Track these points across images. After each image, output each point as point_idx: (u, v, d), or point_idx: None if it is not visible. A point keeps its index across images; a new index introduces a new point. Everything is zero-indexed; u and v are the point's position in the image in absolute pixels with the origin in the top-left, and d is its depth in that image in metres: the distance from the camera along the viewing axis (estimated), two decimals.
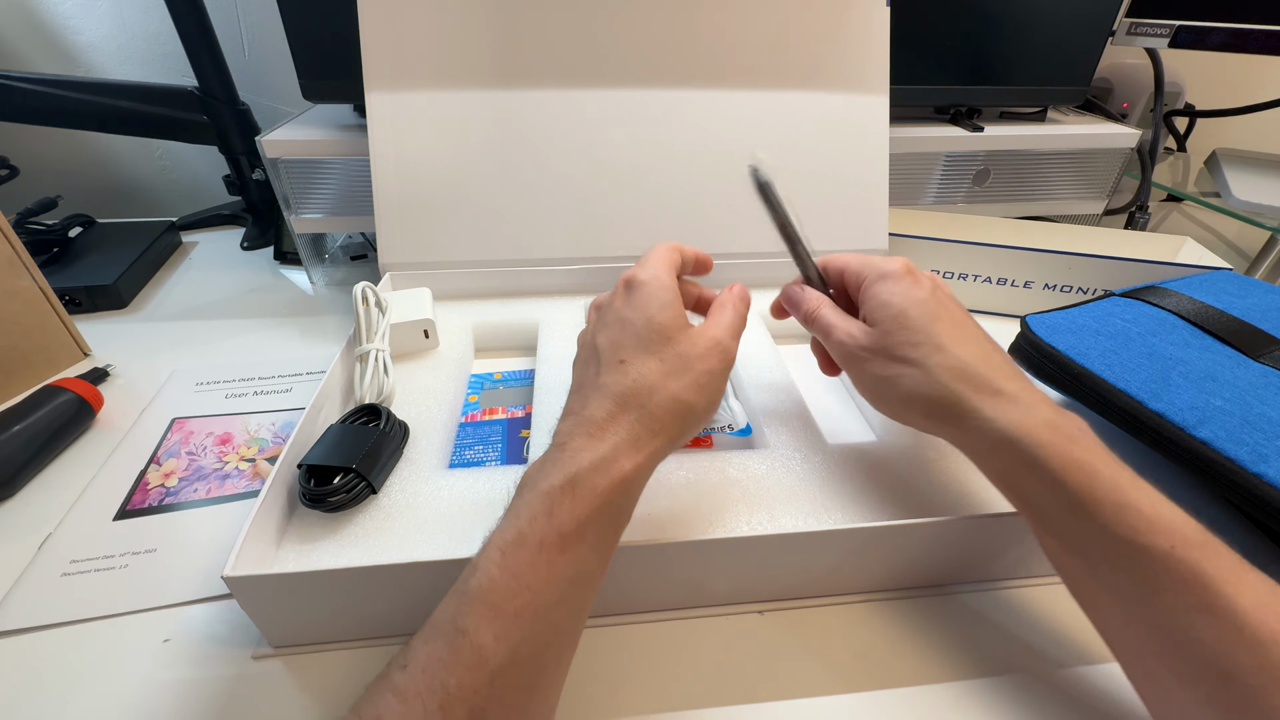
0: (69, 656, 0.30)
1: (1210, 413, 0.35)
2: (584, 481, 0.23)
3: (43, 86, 0.65)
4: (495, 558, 0.22)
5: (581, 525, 0.23)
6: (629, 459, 0.25)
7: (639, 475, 0.25)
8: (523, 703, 0.21)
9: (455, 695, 0.19)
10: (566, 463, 0.24)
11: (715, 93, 0.55)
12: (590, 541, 0.23)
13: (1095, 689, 0.29)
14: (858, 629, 0.32)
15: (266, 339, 0.56)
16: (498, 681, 0.20)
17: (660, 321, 0.28)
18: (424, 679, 0.20)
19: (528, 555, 0.22)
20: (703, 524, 0.32)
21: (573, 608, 0.23)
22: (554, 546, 0.22)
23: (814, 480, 0.35)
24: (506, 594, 0.21)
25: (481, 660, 0.20)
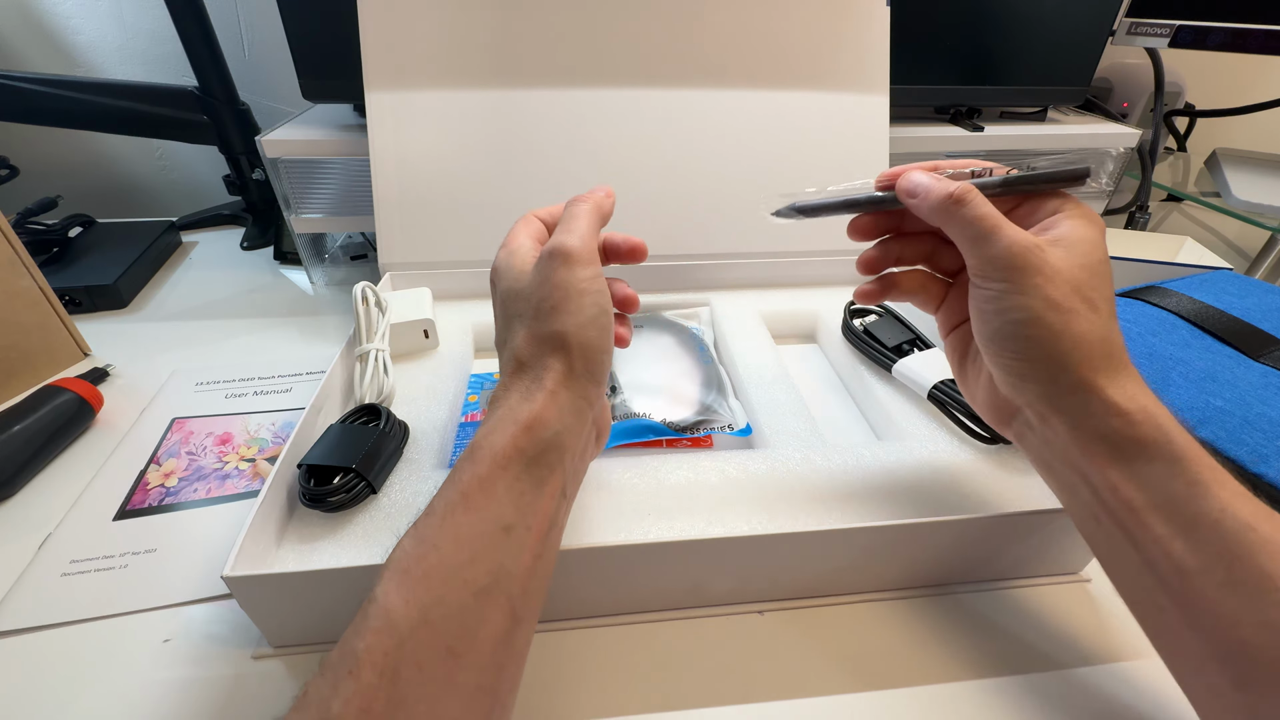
0: (69, 656, 0.30)
1: (1210, 413, 0.35)
2: (481, 444, 0.24)
3: (43, 86, 0.65)
4: (410, 530, 0.22)
5: (484, 480, 0.23)
6: (521, 410, 0.25)
7: (539, 421, 0.25)
8: (443, 668, 0.20)
9: (364, 659, 0.19)
10: (487, 422, 0.25)
11: (716, 92, 0.55)
12: (499, 495, 0.23)
13: (1097, 689, 0.29)
14: (858, 629, 0.32)
15: (266, 339, 0.56)
16: (410, 643, 0.20)
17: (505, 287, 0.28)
18: (337, 652, 0.20)
19: (434, 521, 0.22)
20: (703, 524, 0.32)
21: (488, 565, 0.22)
22: (458, 506, 0.22)
23: (814, 480, 0.35)
24: (414, 558, 0.21)
25: (390, 623, 0.20)
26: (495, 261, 0.29)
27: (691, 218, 0.56)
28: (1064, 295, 0.25)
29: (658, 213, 0.55)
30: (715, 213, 0.56)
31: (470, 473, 0.23)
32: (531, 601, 0.24)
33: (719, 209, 0.56)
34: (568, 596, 0.31)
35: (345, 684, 0.19)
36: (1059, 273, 0.25)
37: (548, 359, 0.26)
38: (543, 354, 0.26)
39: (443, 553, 0.21)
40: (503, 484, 0.23)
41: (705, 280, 0.56)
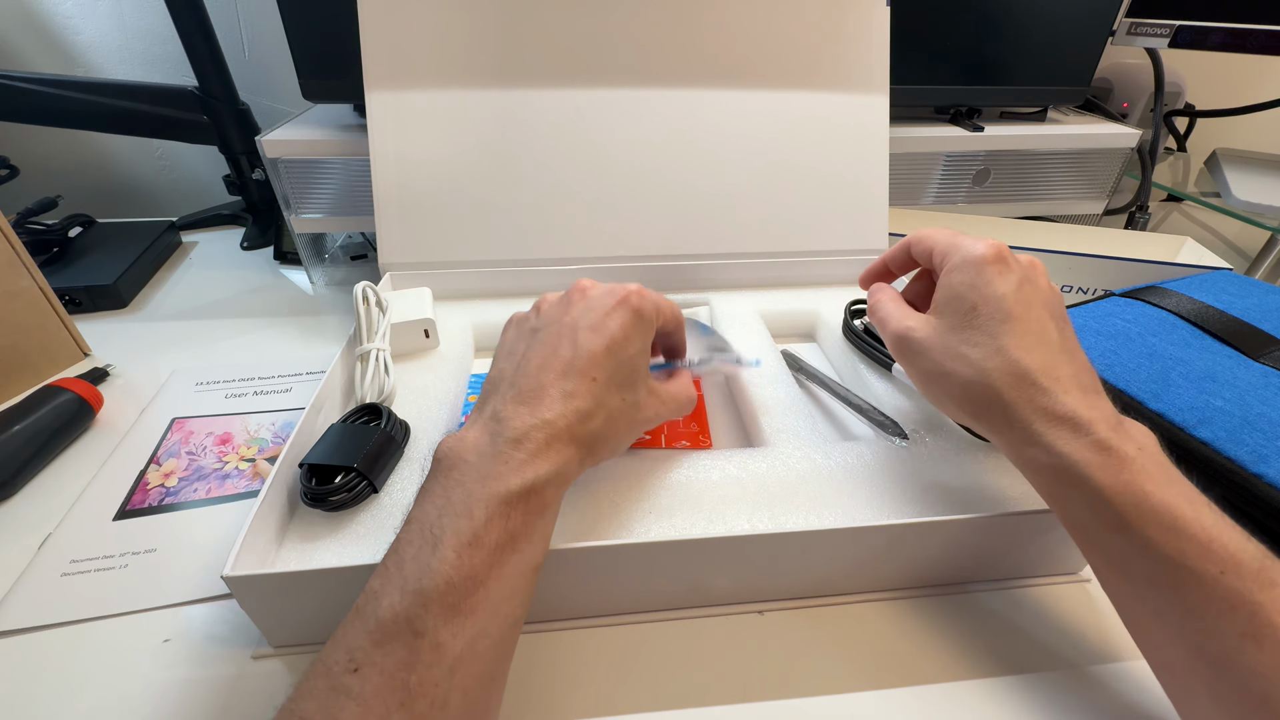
0: (69, 656, 0.30)
1: (1210, 413, 0.35)
2: (540, 492, 0.25)
3: (43, 86, 0.65)
4: (451, 559, 0.22)
5: (531, 527, 0.24)
6: (571, 471, 0.27)
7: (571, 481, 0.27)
8: (483, 692, 0.22)
9: (416, 691, 0.20)
10: (524, 469, 0.25)
11: (716, 92, 0.55)
12: (536, 540, 0.25)
13: (1097, 689, 0.29)
14: (858, 628, 0.32)
15: (266, 339, 0.56)
16: (458, 673, 0.21)
17: (638, 365, 0.30)
18: (381, 681, 0.20)
19: (483, 556, 0.23)
20: (703, 523, 0.32)
21: (521, 597, 0.24)
22: (507, 548, 0.23)
23: (814, 479, 0.35)
24: (463, 593, 0.22)
25: (440, 656, 0.21)
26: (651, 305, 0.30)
27: (691, 218, 0.56)
28: (934, 364, 0.29)
29: (658, 213, 0.55)
30: (715, 213, 0.56)
31: (521, 519, 0.24)
32: None
33: (719, 209, 0.56)
34: (568, 596, 0.31)
35: (397, 715, 0.20)
36: (926, 348, 0.30)
37: (603, 453, 0.29)
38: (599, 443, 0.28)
39: (489, 589, 0.22)
40: (540, 530, 0.25)
41: (705, 280, 0.56)
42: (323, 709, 0.20)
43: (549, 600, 0.31)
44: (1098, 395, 0.27)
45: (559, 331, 0.29)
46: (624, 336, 0.28)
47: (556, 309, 0.30)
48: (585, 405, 0.27)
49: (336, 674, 0.20)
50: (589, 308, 0.29)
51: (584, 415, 0.27)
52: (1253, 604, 0.21)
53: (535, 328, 0.30)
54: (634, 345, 0.29)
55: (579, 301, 0.30)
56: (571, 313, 0.29)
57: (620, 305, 0.29)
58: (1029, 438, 0.26)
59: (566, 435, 0.26)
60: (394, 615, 0.21)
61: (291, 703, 0.20)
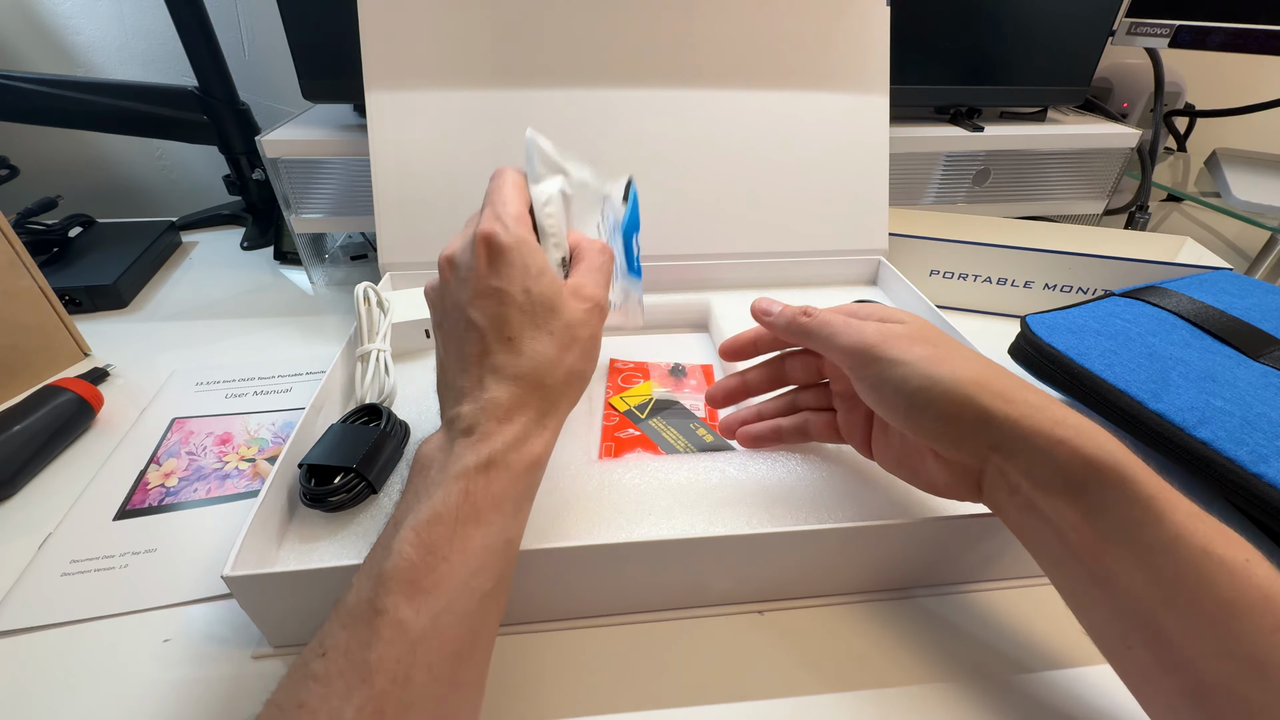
0: (69, 656, 0.30)
1: (1210, 413, 0.35)
2: (499, 461, 0.24)
3: (43, 86, 0.65)
4: (410, 538, 0.22)
5: (498, 500, 0.24)
6: (538, 438, 0.26)
7: (547, 450, 0.27)
8: (450, 669, 0.22)
9: (376, 667, 0.20)
10: (479, 446, 0.24)
11: (715, 92, 0.55)
12: (507, 512, 0.24)
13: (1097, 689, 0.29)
14: (858, 628, 0.32)
15: (266, 339, 0.56)
16: (421, 649, 0.21)
17: (539, 291, 0.27)
18: (344, 661, 0.20)
19: (444, 530, 0.22)
20: (702, 523, 0.32)
21: (494, 572, 0.24)
22: (470, 521, 0.23)
23: (814, 480, 0.35)
24: (424, 569, 0.22)
25: (401, 632, 0.20)
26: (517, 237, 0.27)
27: (691, 218, 0.56)
28: (932, 348, 0.27)
29: (658, 212, 0.55)
30: (715, 213, 0.56)
31: (484, 490, 0.24)
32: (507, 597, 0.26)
33: (719, 209, 0.56)
34: (568, 596, 0.31)
35: (358, 692, 0.19)
36: (914, 336, 0.28)
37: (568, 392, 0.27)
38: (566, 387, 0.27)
39: (452, 564, 0.22)
40: (511, 502, 0.25)
41: (705, 280, 0.56)
42: (291, 694, 0.20)
43: (549, 600, 0.31)
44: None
45: (454, 319, 0.28)
46: (507, 281, 0.26)
47: (436, 293, 0.29)
48: (516, 367, 0.26)
49: (308, 661, 0.21)
50: (461, 278, 0.27)
51: (519, 377, 0.26)
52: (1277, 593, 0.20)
53: (437, 322, 0.29)
54: (518, 280, 0.26)
55: (451, 278, 0.28)
56: (451, 294, 0.28)
57: (483, 251, 0.27)
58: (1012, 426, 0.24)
59: (511, 404, 0.25)
60: (358, 599, 0.21)
61: (270, 696, 0.21)
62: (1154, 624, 0.22)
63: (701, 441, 0.40)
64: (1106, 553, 0.23)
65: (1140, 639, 0.22)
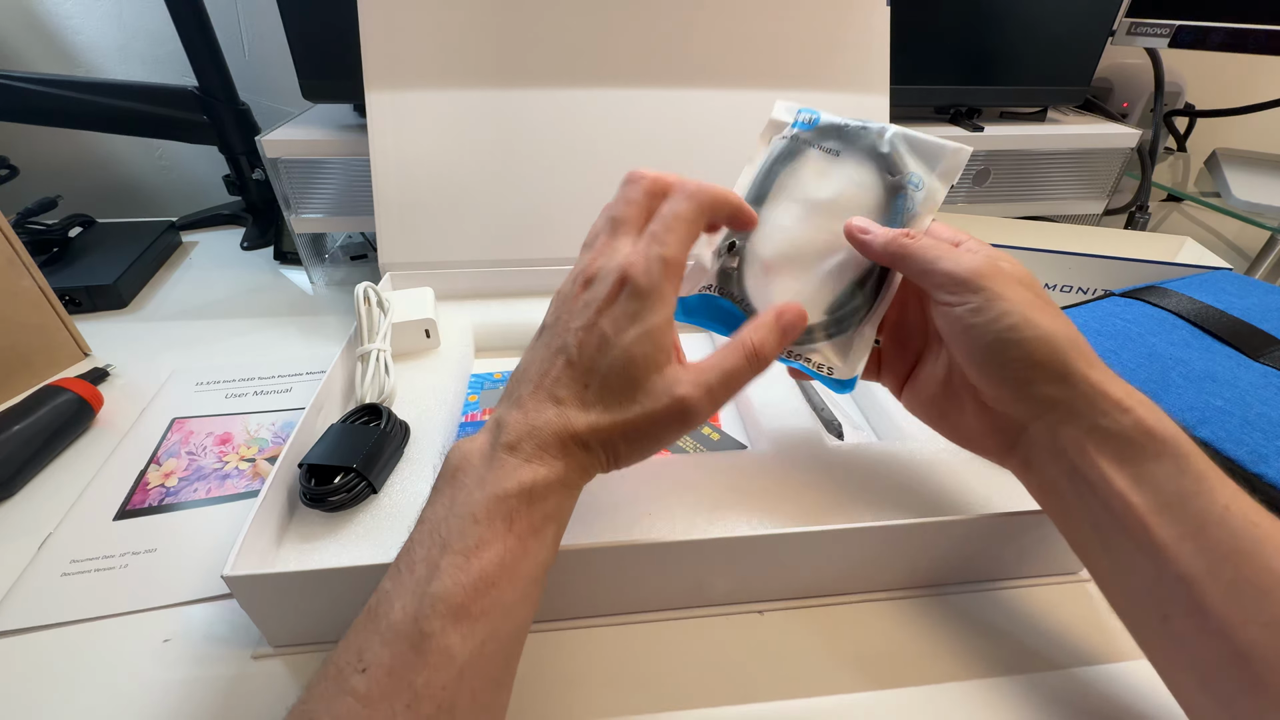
0: (69, 656, 0.30)
1: (1210, 413, 0.35)
2: (539, 495, 0.24)
3: (43, 86, 0.65)
4: (459, 563, 0.22)
5: (538, 528, 0.24)
6: (578, 482, 0.26)
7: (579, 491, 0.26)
8: (491, 696, 0.22)
9: (423, 693, 0.20)
10: (521, 470, 0.24)
11: (716, 93, 0.55)
12: (547, 541, 0.24)
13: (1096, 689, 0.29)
14: (858, 629, 0.32)
15: (266, 339, 0.56)
16: (466, 676, 0.21)
17: (636, 364, 0.25)
18: (388, 682, 0.20)
19: (493, 559, 0.22)
20: (703, 524, 0.32)
21: (531, 600, 0.24)
22: (518, 550, 0.23)
23: (814, 480, 0.35)
24: (472, 595, 0.21)
25: (449, 659, 0.20)
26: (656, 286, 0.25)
27: None
28: (1035, 295, 0.26)
29: None
30: None
31: (528, 524, 0.23)
32: None
33: None
34: (568, 596, 0.31)
35: (402, 717, 0.19)
36: (1020, 278, 0.27)
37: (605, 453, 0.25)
38: (612, 455, 0.26)
39: (500, 591, 0.22)
40: (550, 532, 0.25)
41: None
42: (329, 709, 0.20)
43: (549, 600, 0.31)
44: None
45: (557, 331, 0.26)
46: (614, 332, 0.25)
47: (561, 297, 0.28)
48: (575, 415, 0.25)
49: (346, 674, 0.20)
50: (587, 301, 0.26)
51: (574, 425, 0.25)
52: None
53: (547, 323, 0.28)
54: (627, 336, 0.25)
55: (581, 293, 0.26)
56: (570, 309, 0.26)
57: (616, 289, 0.25)
58: (1089, 389, 0.25)
59: (556, 443, 0.24)
60: (404, 616, 0.21)
61: (301, 704, 0.20)
62: (1195, 593, 0.22)
63: (709, 441, 0.40)
64: (1153, 521, 0.23)
65: (1180, 609, 0.23)
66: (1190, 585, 0.22)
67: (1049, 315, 0.26)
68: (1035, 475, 0.27)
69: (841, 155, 0.32)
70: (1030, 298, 0.26)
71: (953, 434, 0.31)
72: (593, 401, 0.25)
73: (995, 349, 0.26)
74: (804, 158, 0.32)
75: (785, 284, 0.31)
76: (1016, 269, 0.28)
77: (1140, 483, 0.23)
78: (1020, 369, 0.26)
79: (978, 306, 0.26)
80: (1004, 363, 0.26)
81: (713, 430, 0.41)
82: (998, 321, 0.26)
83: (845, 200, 0.31)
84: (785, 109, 0.33)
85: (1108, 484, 0.24)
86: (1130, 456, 0.24)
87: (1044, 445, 0.26)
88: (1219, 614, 0.21)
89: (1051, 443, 0.26)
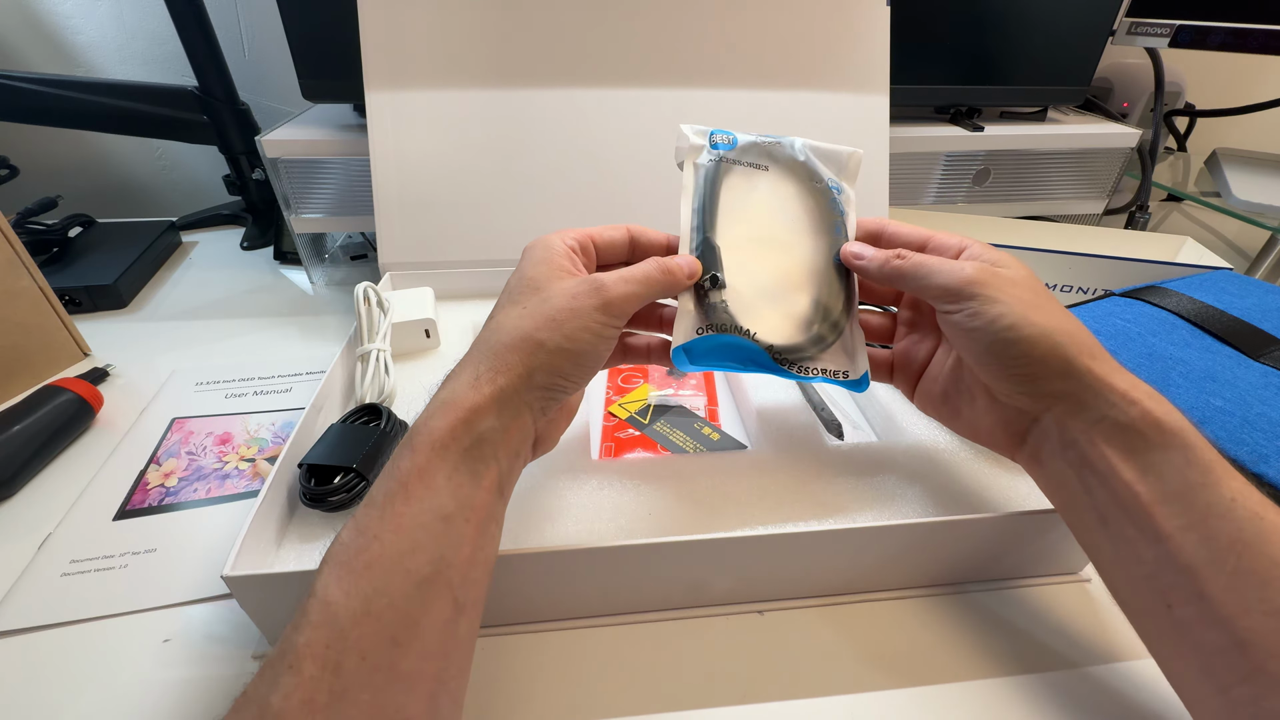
0: (69, 656, 0.30)
1: (1210, 413, 0.35)
2: (420, 431, 0.24)
3: (43, 86, 0.65)
4: (349, 522, 0.22)
5: (423, 470, 0.23)
6: (467, 399, 0.25)
7: (480, 413, 0.25)
8: (387, 655, 0.20)
9: (304, 652, 0.19)
10: (417, 421, 0.25)
11: (716, 92, 0.55)
12: (438, 485, 0.23)
13: (1095, 690, 0.29)
14: (857, 629, 0.32)
15: (266, 339, 0.56)
16: (352, 634, 0.20)
17: (530, 275, 0.28)
18: (277, 649, 0.20)
19: (374, 512, 0.22)
20: (703, 524, 0.32)
21: (429, 553, 0.22)
22: (398, 496, 0.23)
23: (814, 480, 0.35)
24: (355, 550, 0.21)
25: (330, 616, 0.20)
26: (539, 242, 0.29)
27: None
28: (1032, 295, 0.27)
29: (657, 212, 0.55)
30: None
31: (409, 462, 0.23)
32: (473, 591, 0.24)
33: None
34: (568, 596, 0.31)
35: (285, 679, 0.19)
36: (1015, 282, 0.28)
37: (512, 358, 0.26)
38: (511, 352, 0.26)
39: (384, 543, 0.22)
40: (441, 474, 0.23)
41: None
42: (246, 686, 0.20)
43: (549, 600, 0.31)
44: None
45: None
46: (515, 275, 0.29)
47: None
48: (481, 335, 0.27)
49: (267, 655, 0.21)
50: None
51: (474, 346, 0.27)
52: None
53: None
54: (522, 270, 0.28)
55: None
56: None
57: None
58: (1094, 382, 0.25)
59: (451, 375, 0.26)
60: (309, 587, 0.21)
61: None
62: (1198, 581, 0.22)
63: (709, 441, 0.40)
64: (1159, 511, 0.23)
65: (1182, 596, 0.23)
66: (1193, 574, 0.22)
67: (1046, 313, 0.27)
68: (1045, 468, 0.28)
69: (769, 169, 0.34)
70: (1027, 297, 0.27)
71: (966, 430, 0.32)
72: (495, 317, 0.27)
73: (996, 349, 0.27)
74: (734, 175, 0.33)
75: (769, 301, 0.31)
76: (1016, 271, 0.28)
77: (1147, 473, 0.24)
78: (1023, 365, 0.27)
79: (974, 312, 0.27)
80: (1006, 361, 0.27)
81: (713, 430, 0.41)
82: (995, 323, 0.27)
83: (789, 210, 0.33)
84: (695, 131, 0.34)
85: (1115, 474, 0.24)
86: (1137, 447, 0.24)
87: (1053, 437, 0.27)
88: (1220, 602, 0.22)
89: (1060, 435, 0.27)
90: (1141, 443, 0.24)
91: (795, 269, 0.32)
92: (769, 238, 0.32)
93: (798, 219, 0.33)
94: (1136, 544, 0.24)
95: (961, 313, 0.28)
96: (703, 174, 0.33)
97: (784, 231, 0.32)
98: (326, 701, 0.19)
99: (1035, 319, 0.26)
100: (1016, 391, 0.28)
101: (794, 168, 0.34)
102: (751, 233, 0.32)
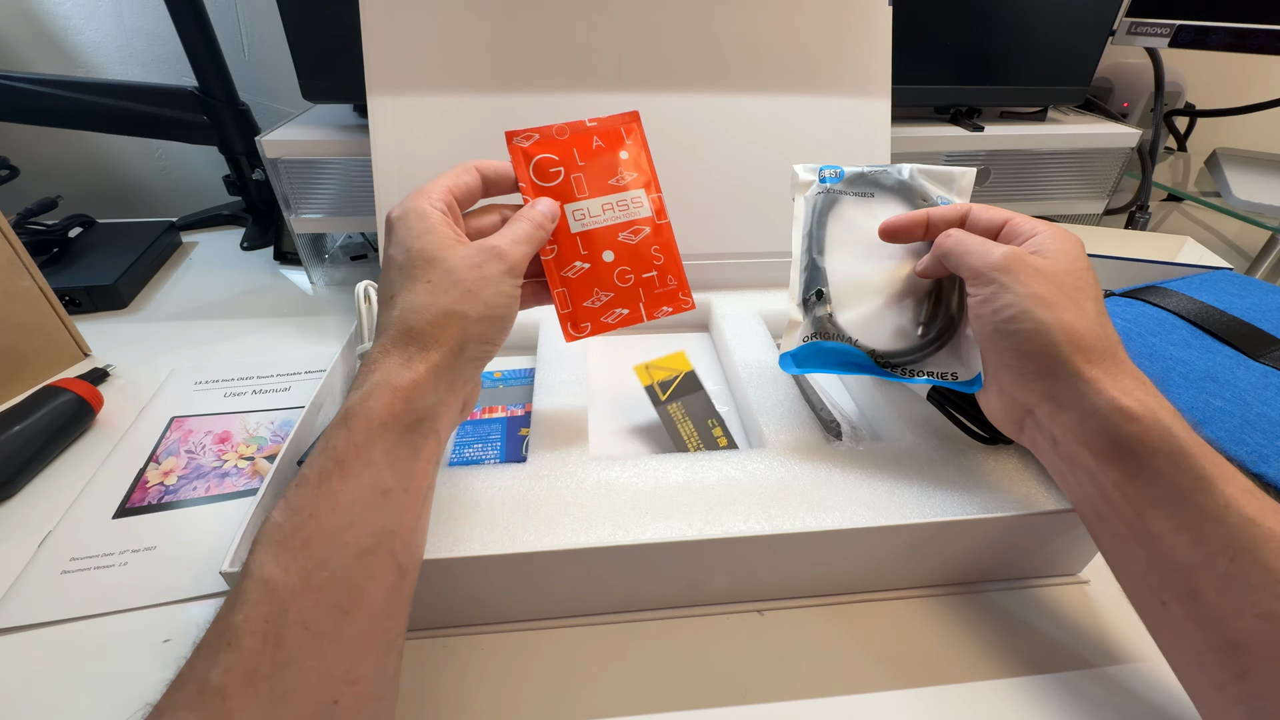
0: (69, 654, 0.30)
1: (1210, 413, 0.35)
2: (355, 410, 0.24)
3: (43, 86, 0.65)
4: (280, 504, 0.22)
5: (360, 448, 0.23)
6: (403, 378, 0.25)
7: (418, 389, 0.25)
8: (332, 622, 0.21)
9: (242, 628, 0.20)
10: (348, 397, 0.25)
11: (717, 96, 0.55)
12: (376, 460, 0.24)
13: (1095, 690, 0.29)
14: (855, 629, 0.32)
15: (266, 339, 0.56)
16: (293, 607, 0.20)
17: (419, 248, 0.27)
18: (211, 630, 0.20)
19: (308, 490, 0.22)
20: (702, 524, 0.32)
21: (369, 526, 0.23)
22: (334, 474, 0.23)
23: (813, 480, 0.35)
24: (290, 529, 0.22)
25: (269, 592, 0.20)
26: (411, 209, 0.28)
27: (692, 219, 0.56)
28: (1048, 290, 0.27)
29: None
30: (716, 215, 0.56)
31: (345, 440, 0.24)
32: (415, 554, 0.25)
33: (720, 211, 0.56)
34: (568, 596, 0.31)
35: (224, 655, 0.19)
36: (1040, 272, 0.27)
37: (441, 334, 0.26)
38: (438, 328, 0.26)
39: (320, 520, 0.22)
40: (379, 450, 0.24)
41: (705, 280, 0.56)
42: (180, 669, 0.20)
43: (549, 600, 0.31)
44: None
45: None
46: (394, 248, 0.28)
47: None
48: (387, 321, 0.27)
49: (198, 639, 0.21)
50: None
51: (387, 328, 0.27)
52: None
53: None
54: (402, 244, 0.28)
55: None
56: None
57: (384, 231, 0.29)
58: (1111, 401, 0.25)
59: (376, 356, 0.26)
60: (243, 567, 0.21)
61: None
62: (1190, 583, 0.23)
63: (715, 445, 0.40)
64: (1148, 513, 0.24)
65: (1175, 596, 0.23)
66: (1186, 574, 0.23)
67: (1055, 309, 0.26)
68: (1042, 458, 0.29)
69: (875, 195, 0.37)
70: (1042, 290, 0.27)
71: (983, 404, 0.32)
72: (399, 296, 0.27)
73: (994, 339, 0.28)
74: (843, 204, 0.37)
75: (875, 313, 0.35)
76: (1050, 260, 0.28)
77: (1136, 476, 0.24)
78: (1013, 359, 0.27)
79: (986, 298, 0.28)
80: (1003, 351, 0.28)
81: (723, 433, 0.41)
82: (999, 313, 0.27)
83: None
84: (806, 169, 0.38)
85: (1103, 474, 0.25)
86: (1122, 451, 0.24)
87: (1043, 431, 0.28)
88: (1212, 604, 0.22)
89: (1050, 430, 0.27)
90: (1127, 448, 0.24)
91: (901, 280, 0.35)
92: (874, 254, 0.35)
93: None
94: (1128, 541, 0.25)
95: (977, 297, 0.29)
96: (811, 205, 0.37)
97: (890, 247, 0.35)
98: (269, 672, 0.19)
99: (1039, 314, 0.26)
100: (1011, 381, 0.28)
101: (900, 190, 0.36)
102: (857, 251, 0.36)
